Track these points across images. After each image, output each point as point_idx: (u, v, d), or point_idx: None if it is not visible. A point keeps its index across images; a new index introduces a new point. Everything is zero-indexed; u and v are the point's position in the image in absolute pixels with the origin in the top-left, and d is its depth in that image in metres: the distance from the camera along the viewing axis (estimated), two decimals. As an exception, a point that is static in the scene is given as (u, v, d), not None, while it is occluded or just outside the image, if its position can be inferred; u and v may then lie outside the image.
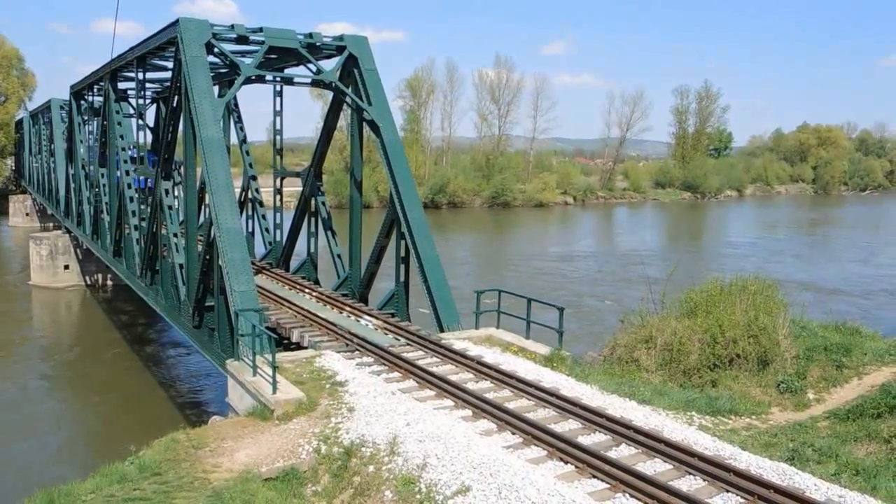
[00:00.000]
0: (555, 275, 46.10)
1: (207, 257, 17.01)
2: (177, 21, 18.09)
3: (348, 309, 18.70)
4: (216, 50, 18.35)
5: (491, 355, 14.91)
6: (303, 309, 18.65)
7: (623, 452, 10.42)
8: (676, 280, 21.19)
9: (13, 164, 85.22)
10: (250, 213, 28.35)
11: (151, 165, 23.10)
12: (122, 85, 28.04)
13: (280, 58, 20.86)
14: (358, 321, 17.68)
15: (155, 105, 35.55)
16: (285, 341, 16.85)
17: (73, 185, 37.69)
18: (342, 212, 25.20)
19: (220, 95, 23.03)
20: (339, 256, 22.32)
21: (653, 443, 10.52)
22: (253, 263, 21.84)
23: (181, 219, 20.99)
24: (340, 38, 19.80)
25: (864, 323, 19.41)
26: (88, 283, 40.24)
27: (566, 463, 9.99)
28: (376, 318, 17.69)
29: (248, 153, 29.32)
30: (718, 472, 9.57)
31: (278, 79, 21.67)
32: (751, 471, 9.70)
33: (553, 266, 49.75)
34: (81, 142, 35.40)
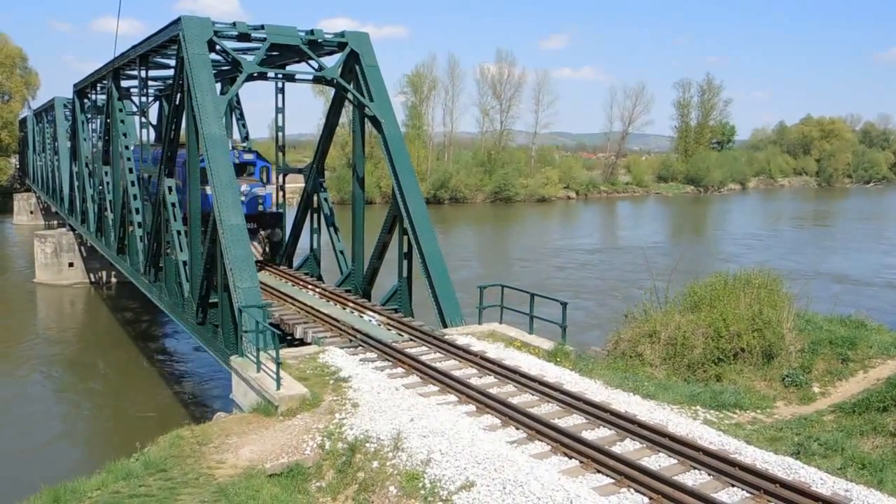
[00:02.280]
0: (569, 269, 46.05)
1: (211, 254, 17.03)
2: (179, 19, 18.07)
3: (351, 305, 18.70)
4: (218, 47, 18.33)
5: (494, 350, 14.91)
6: (306, 305, 18.66)
7: (628, 447, 10.42)
8: (687, 273, 21.19)
9: (17, 163, 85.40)
10: (253, 209, 28.32)
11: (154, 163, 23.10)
12: (124, 83, 28.06)
13: (282, 55, 20.83)
14: (361, 317, 17.69)
15: (158, 103, 35.62)
16: (289, 337, 16.87)
17: (76, 183, 37.71)
18: (345, 208, 25.26)
19: (222, 93, 23.05)
20: (341, 252, 22.32)
21: (657, 437, 10.51)
22: (256, 260, 21.93)
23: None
24: (342, 34, 19.77)
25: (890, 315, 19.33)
26: (93, 280, 40.32)
27: (570, 458, 9.98)
28: (379, 314, 17.69)
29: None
30: (724, 467, 9.56)
31: (280, 76, 21.62)
32: (756, 465, 9.68)
33: (565, 260, 49.71)
34: (85, 140, 35.41)
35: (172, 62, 22.11)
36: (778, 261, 45.24)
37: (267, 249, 23.97)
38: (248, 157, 24.58)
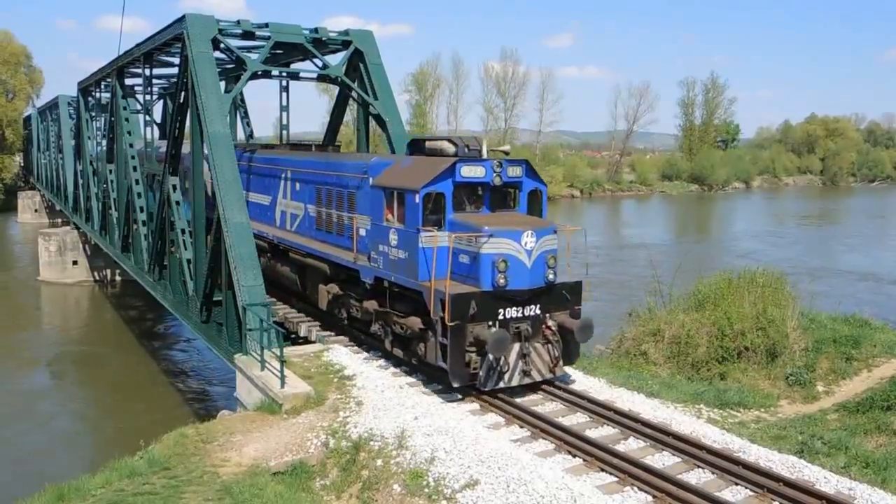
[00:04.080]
0: (577, 266, 45.87)
1: (215, 252, 17.03)
2: (183, 17, 18.09)
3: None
4: (222, 45, 18.36)
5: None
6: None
7: (631, 446, 10.43)
8: (700, 272, 21.13)
9: (22, 161, 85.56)
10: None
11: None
12: (129, 81, 28.07)
13: (286, 53, 20.85)
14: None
15: (162, 101, 35.65)
16: (293, 336, 16.89)
17: (81, 181, 37.79)
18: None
19: (226, 91, 23.06)
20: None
21: (661, 436, 10.52)
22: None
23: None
24: (346, 32, 19.78)
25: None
26: (97, 278, 40.38)
27: (574, 456, 10.00)
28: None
29: (254, 148, 29.27)
30: (727, 465, 9.56)
31: (284, 74, 21.65)
32: (760, 464, 9.68)
33: (573, 258, 49.50)
34: (89, 138, 35.48)
35: (177, 60, 22.13)
36: (795, 259, 45.12)
37: (558, 354, 12.53)
38: (515, 172, 13.37)
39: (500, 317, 11.85)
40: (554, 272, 12.39)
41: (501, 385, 11.93)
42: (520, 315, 12.03)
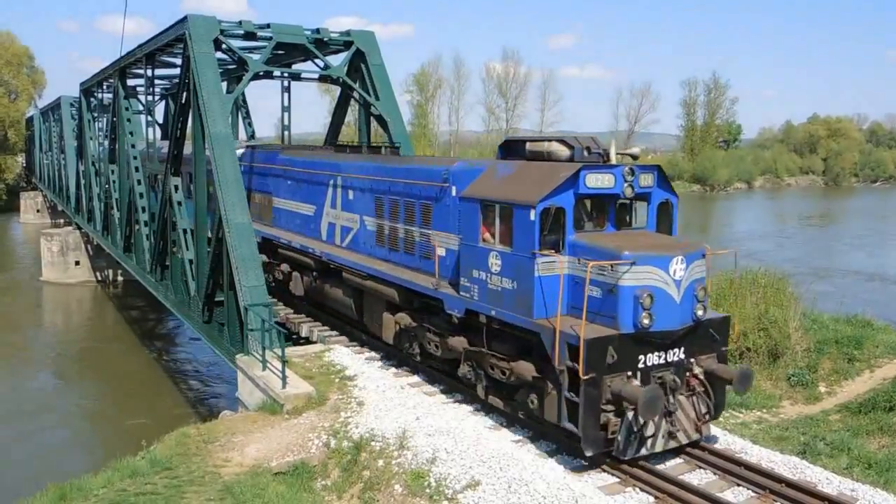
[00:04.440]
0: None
1: (217, 252, 17.03)
2: (185, 18, 18.11)
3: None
4: (224, 46, 18.39)
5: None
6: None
7: (633, 446, 10.40)
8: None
9: (24, 161, 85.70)
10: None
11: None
12: (131, 82, 28.11)
13: (288, 53, 20.88)
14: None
15: (164, 101, 35.69)
16: (294, 336, 16.90)
17: (83, 182, 37.85)
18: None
19: (228, 91, 23.09)
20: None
21: (663, 436, 10.48)
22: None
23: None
24: (347, 33, 19.81)
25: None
26: (99, 278, 40.42)
27: (575, 458, 9.98)
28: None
29: (256, 148, 29.27)
30: (729, 466, 9.55)
31: (286, 74, 21.68)
32: (762, 464, 9.67)
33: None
34: (91, 138, 35.52)
35: (179, 61, 22.15)
36: (797, 259, 45.00)
37: (707, 409, 10.23)
38: (647, 181, 10.87)
39: (640, 364, 9.61)
40: (704, 307, 10.10)
41: (644, 452, 9.64)
42: (662, 361, 9.77)
